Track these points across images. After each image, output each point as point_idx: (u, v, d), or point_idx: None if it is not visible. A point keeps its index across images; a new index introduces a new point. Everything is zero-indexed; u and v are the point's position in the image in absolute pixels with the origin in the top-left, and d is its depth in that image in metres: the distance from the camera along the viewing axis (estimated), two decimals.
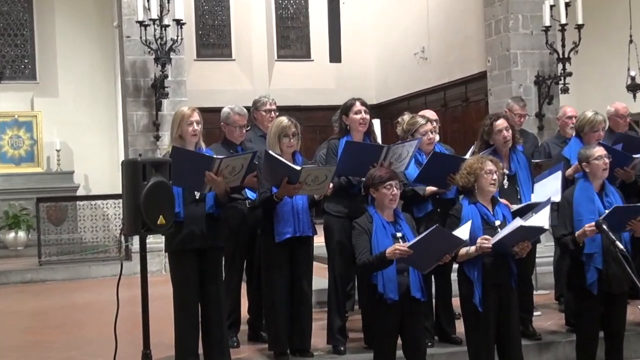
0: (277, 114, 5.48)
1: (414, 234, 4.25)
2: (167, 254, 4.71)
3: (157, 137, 9.43)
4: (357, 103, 4.99)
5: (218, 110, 5.54)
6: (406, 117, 5.29)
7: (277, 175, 4.47)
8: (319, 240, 5.04)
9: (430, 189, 4.92)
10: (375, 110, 11.06)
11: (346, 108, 5.02)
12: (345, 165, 4.72)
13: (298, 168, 4.44)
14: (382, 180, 4.21)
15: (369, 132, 5.04)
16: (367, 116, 4.98)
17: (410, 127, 5.10)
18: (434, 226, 4.02)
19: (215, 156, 4.42)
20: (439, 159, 4.85)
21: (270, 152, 4.49)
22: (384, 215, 4.24)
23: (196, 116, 4.61)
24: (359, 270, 4.43)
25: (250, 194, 5.18)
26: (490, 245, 4.07)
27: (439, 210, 4.97)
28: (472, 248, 4.15)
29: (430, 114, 5.57)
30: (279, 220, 4.62)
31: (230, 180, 4.51)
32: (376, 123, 6.96)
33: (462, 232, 4.09)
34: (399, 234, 4.21)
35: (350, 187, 4.93)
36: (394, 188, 4.21)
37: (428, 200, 4.99)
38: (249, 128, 5.43)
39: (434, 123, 5.24)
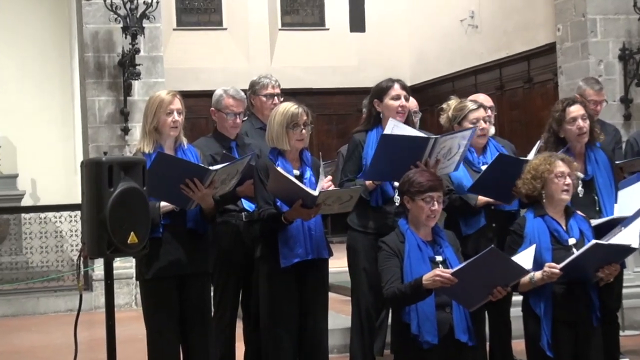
0: (282, 99, 5.54)
1: (458, 258, 4.27)
2: (139, 282, 4.76)
3: (126, 130, 9.50)
4: (396, 86, 5.04)
5: (204, 94, 5.82)
6: (453, 102, 5.32)
7: (286, 191, 4.56)
8: (337, 265, 5.14)
9: (484, 198, 4.97)
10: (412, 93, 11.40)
11: (380, 91, 5.08)
12: (379, 167, 4.77)
13: (315, 193, 4.49)
14: (422, 189, 4.24)
15: (408, 123, 5.06)
16: (407, 103, 5.03)
17: (457, 113, 5.16)
18: (488, 248, 4.02)
19: (211, 167, 4.50)
20: (503, 162, 4.86)
21: (279, 169, 4.53)
22: (420, 233, 4.28)
23: (177, 103, 4.67)
24: (389, 304, 4.49)
25: (247, 204, 5.24)
26: (560, 271, 4.11)
27: (494, 225, 5.00)
28: (538, 274, 4.17)
29: (483, 98, 5.57)
30: (284, 238, 4.67)
31: (220, 188, 4.61)
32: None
33: (525, 257, 4.11)
34: (438, 258, 4.23)
35: (382, 196, 4.97)
36: (435, 202, 4.23)
37: (480, 213, 5.02)
38: (245, 118, 5.53)
39: (489, 110, 5.28)
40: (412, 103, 5.53)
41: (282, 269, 4.65)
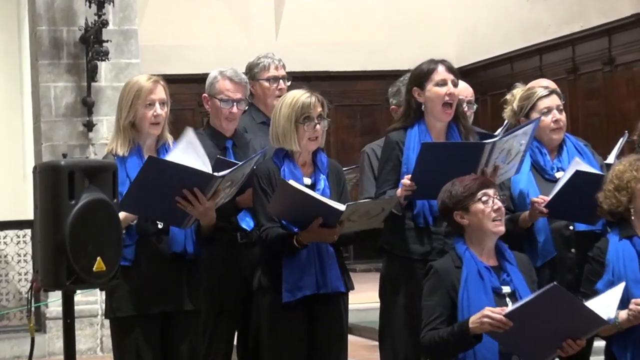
0: (289, 84, 5.67)
1: (532, 291, 4.24)
2: (108, 321, 4.76)
3: (90, 126, 9.52)
4: (441, 68, 5.08)
5: (191, 79, 6.01)
6: (518, 90, 5.35)
7: (301, 212, 4.62)
8: (361, 300, 5.21)
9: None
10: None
11: (420, 76, 5.10)
12: (421, 183, 4.80)
13: (341, 207, 4.54)
14: (471, 190, 4.31)
15: (458, 118, 5.12)
16: (456, 90, 5.06)
17: (523, 103, 5.20)
18: (549, 285, 4.03)
19: (216, 173, 4.52)
20: (582, 177, 4.82)
21: (293, 183, 4.58)
22: (482, 256, 4.31)
23: (160, 92, 4.75)
24: (426, 354, 4.52)
25: (244, 220, 5.32)
26: None
27: (573, 251, 5.00)
28: (623, 314, 4.18)
29: (548, 84, 5.56)
30: (290, 265, 4.74)
31: (223, 197, 4.69)
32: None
33: (608, 300, 4.10)
34: (505, 289, 4.25)
35: (430, 212, 4.99)
36: (493, 199, 4.29)
37: (545, 236, 5.02)
38: (245, 108, 5.59)
39: (560, 98, 5.30)
40: (466, 90, 5.55)
41: (284, 304, 4.70)
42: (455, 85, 5.02)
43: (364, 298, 5.58)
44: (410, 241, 5.05)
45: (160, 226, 4.63)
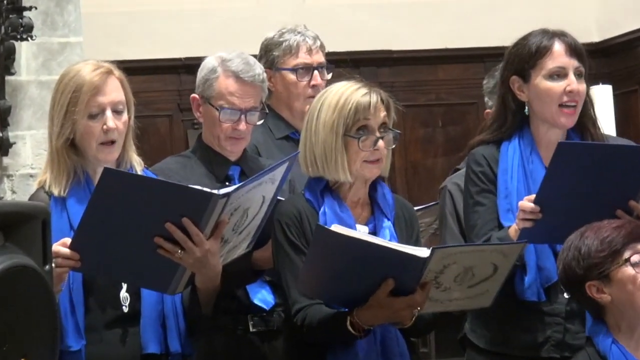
0: (329, 76, 5.18)
1: None
2: None
3: (5, 146, 8.17)
4: (558, 47, 4.45)
5: (167, 67, 5.38)
6: None
7: (353, 276, 3.97)
8: None
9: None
10: (597, 57, 9.52)
11: (523, 59, 4.53)
12: (554, 205, 4.28)
13: (422, 254, 3.86)
14: (614, 246, 3.82)
15: (584, 125, 4.54)
16: (580, 86, 4.43)
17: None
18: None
19: (216, 191, 3.84)
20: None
21: (338, 228, 3.93)
22: (638, 351, 3.90)
23: (114, 90, 4.08)
24: None
25: (257, 295, 4.64)
26: None
27: None
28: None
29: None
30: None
31: (231, 247, 4.07)
32: (601, 92, 6.78)
33: None
34: None
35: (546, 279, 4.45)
36: None
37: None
38: (261, 121, 4.88)
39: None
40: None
41: None
42: (580, 75, 4.44)
43: None
44: (510, 327, 4.53)
45: (125, 306, 3.96)
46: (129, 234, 3.85)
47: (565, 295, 4.29)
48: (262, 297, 4.54)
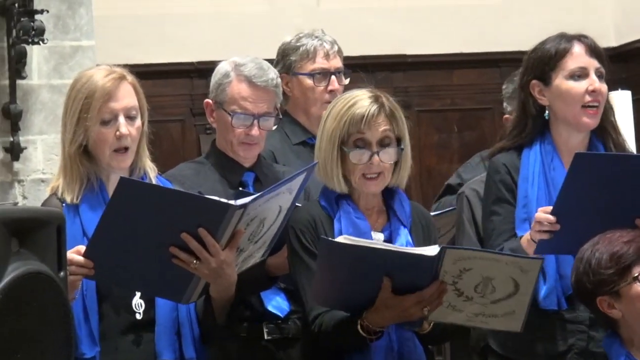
0: (347, 81, 5.19)
1: None
2: None
3: (16, 151, 8.11)
4: (578, 48, 4.44)
5: (180, 71, 5.78)
6: None
7: (362, 283, 3.96)
8: None
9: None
10: (615, 62, 9.44)
11: (543, 62, 4.49)
12: (571, 216, 4.22)
13: (431, 252, 3.84)
14: (624, 262, 3.77)
15: (606, 130, 4.50)
16: (602, 86, 4.42)
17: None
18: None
19: (233, 202, 3.84)
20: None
21: (344, 239, 3.88)
22: None
23: (127, 96, 4.04)
24: None
25: (271, 303, 4.63)
26: None
27: None
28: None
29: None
30: None
31: (246, 257, 4.08)
32: (620, 97, 6.72)
33: None
34: None
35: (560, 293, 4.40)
36: None
37: None
38: (274, 126, 4.82)
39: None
40: None
41: None
42: (600, 76, 4.42)
43: None
44: (533, 335, 4.42)
45: (139, 314, 3.92)
46: (144, 244, 3.86)
47: None
48: (277, 304, 4.54)
